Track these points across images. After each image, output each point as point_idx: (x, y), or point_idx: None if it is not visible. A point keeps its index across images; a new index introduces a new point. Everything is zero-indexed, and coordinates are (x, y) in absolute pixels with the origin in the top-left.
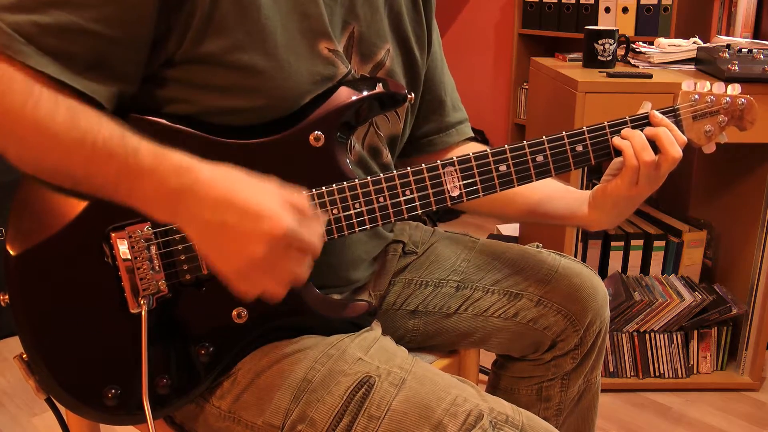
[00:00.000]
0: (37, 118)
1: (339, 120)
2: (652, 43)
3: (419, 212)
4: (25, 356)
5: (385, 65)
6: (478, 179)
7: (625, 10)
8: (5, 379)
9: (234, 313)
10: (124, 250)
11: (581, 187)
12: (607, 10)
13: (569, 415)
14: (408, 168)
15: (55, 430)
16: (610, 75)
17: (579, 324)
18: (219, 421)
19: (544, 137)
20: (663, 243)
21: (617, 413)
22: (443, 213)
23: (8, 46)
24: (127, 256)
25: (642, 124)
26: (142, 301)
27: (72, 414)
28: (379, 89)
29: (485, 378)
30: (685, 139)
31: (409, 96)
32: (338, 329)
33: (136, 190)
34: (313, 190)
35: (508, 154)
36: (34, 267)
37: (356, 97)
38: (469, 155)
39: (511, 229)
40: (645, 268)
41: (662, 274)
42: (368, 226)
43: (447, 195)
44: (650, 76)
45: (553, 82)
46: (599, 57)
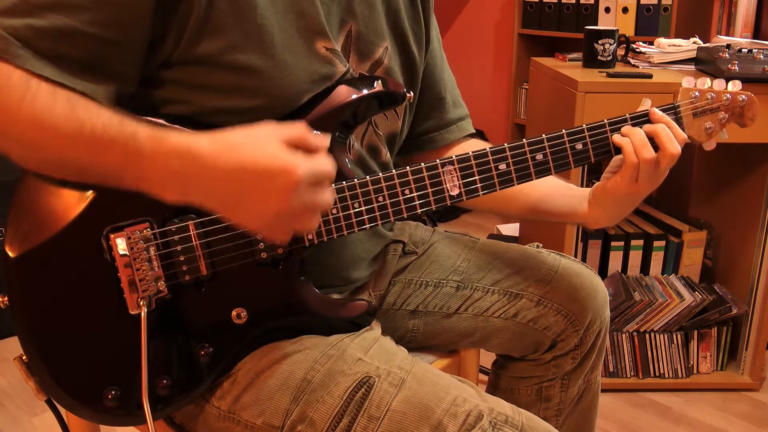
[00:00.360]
0: (35, 112)
1: (338, 119)
2: (652, 43)
3: (419, 211)
4: (25, 358)
5: (383, 63)
6: (477, 178)
7: (625, 10)
8: (5, 379)
9: (233, 313)
10: (123, 251)
11: (581, 186)
12: (607, 10)
13: (569, 415)
14: (407, 167)
15: (55, 431)
16: (610, 75)
17: (579, 324)
18: (219, 422)
19: (543, 135)
20: (663, 243)
21: (617, 413)
22: (443, 213)
23: (5, 50)
24: (126, 257)
25: (642, 121)
26: (141, 302)
27: (72, 414)
28: (378, 88)
29: (485, 378)
30: (684, 136)
31: (408, 94)
32: (338, 329)
33: (141, 175)
34: None
35: (508, 153)
36: (34, 268)
37: (355, 96)
38: (469, 154)
39: (511, 229)
40: (645, 268)
41: (662, 274)
42: (368, 226)
43: (446, 194)
44: (650, 76)
45: (553, 82)
46: (599, 57)
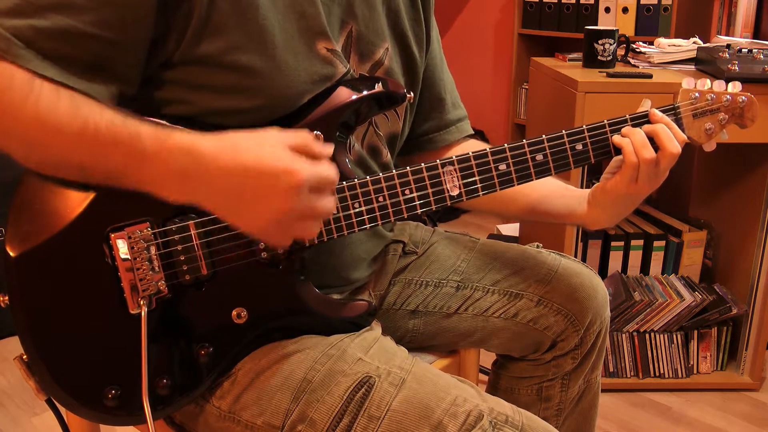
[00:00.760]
0: (39, 111)
1: (338, 119)
2: (652, 43)
3: (419, 212)
4: (25, 357)
5: (383, 64)
6: (477, 178)
7: (625, 10)
8: (5, 379)
9: (234, 313)
10: (123, 251)
11: (581, 187)
12: (607, 10)
13: (569, 415)
14: (407, 168)
15: (56, 431)
16: (610, 75)
17: (579, 324)
18: (219, 422)
19: (543, 136)
20: (663, 243)
21: (617, 413)
22: (443, 213)
23: (7, 51)
24: (126, 256)
25: (642, 122)
26: (141, 302)
27: (72, 414)
28: (379, 88)
29: (485, 378)
30: (684, 136)
31: (408, 95)
32: (338, 329)
33: (144, 175)
34: None
35: (508, 153)
36: (34, 268)
37: (355, 96)
38: (469, 154)
39: (511, 229)
40: (645, 268)
41: (662, 274)
42: (368, 226)
43: (447, 194)
44: (650, 76)
45: (553, 82)
46: (599, 57)
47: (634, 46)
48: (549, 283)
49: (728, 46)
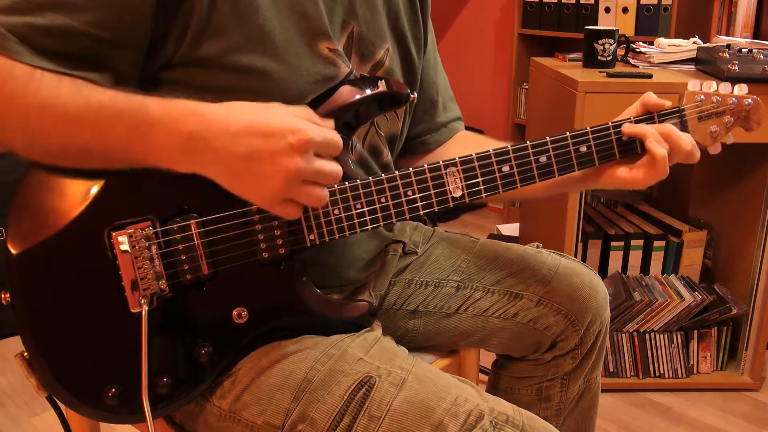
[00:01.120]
0: (42, 98)
1: (341, 119)
2: (652, 43)
3: (421, 213)
4: (26, 354)
5: (384, 65)
6: (480, 180)
7: (625, 10)
8: (5, 379)
9: (234, 313)
10: (124, 250)
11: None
12: (607, 10)
13: (569, 415)
14: (410, 168)
15: (55, 430)
16: (610, 75)
17: (579, 324)
18: (219, 421)
19: (547, 138)
20: (663, 243)
21: (617, 413)
22: (443, 213)
23: (3, 46)
24: (127, 255)
25: (643, 119)
26: (142, 301)
27: (72, 413)
28: (382, 88)
29: (485, 378)
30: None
31: (411, 95)
32: (338, 329)
33: (150, 144)
34: None
35: (511, 155)
36: (35, 266)
37: (359, 96)
38: (472, 156)
39: (511, 229)
40: (645, 268)
41: (662, 274)
42: (370, 227)
43: (449, 195)
44: (650, 76)
45: (553, 82)
46: (599, 57)
47: (634, 46)
48: (549, 283)
49: (728, 46)
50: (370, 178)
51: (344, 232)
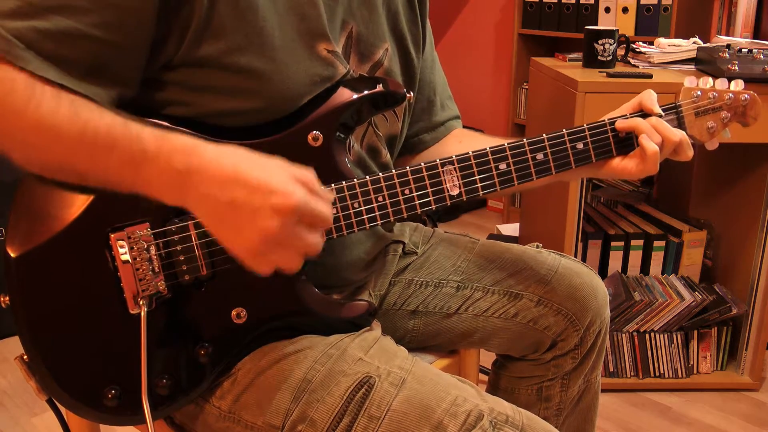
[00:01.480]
0: (40, 116)
1: (338, 119)
2: (652, 43)
3: (418, 211)
4: (25, 357)
5: (383, 65)
6: (477, 178)
7: (625, 10)
8: (5, 379)
9: (233, 313)
10: (123, 251)
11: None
12: (607, 10)
13: (569, 415)
14: (407, 167)
15: (55, 431)
16: (610, 75)
17: (579, 324)
18: (219, 422)
19: (544, 135)
20: (663, 243)
21: (617, 413)
22: (443, 213)
23: (8, 52)
24: (126, 257)
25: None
26: (141, 302)
27: (72, 414)
28: (379, 88)
29: (485, 378)
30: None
31: (408, 95)
32: (338, 329)
33: (141, 176)
34: None
35: (508, 153)
36: (34, 268)
37: (356, 96)
38: (469, 154)
39: (511, 229)
40: (645, 268)
41: (662, 274)
42: (367, 226)
43: (446, 194)
44: (650, 76)
45: (553, 82)
46: (599, 57)
47: (634, 46)
48: (549, 283)
49: (728, 46)
50: (367, 177)
51: (342, 231)
